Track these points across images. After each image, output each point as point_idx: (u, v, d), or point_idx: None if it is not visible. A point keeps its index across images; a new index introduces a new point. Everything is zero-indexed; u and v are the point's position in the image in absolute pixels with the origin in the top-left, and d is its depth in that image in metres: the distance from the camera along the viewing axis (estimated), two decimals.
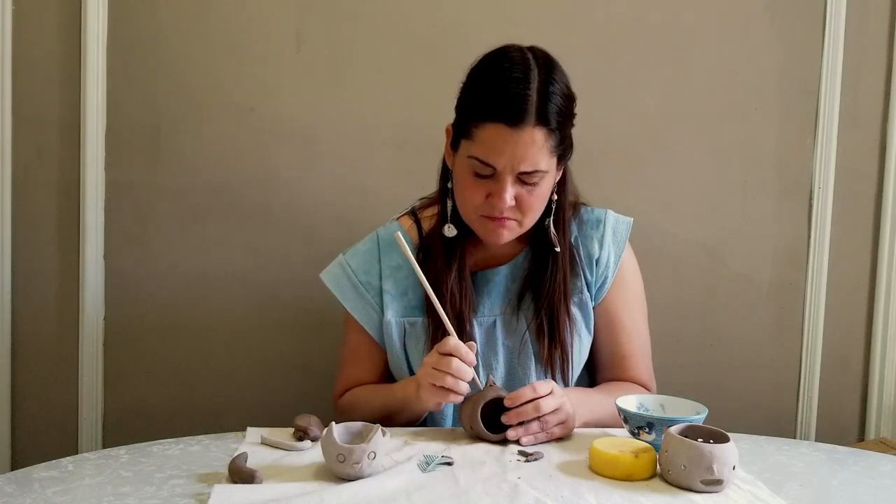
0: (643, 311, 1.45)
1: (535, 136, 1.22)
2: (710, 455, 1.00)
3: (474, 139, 1.24)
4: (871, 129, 1.91)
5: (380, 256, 1.39)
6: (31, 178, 1.70)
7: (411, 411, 1.28)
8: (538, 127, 1.22)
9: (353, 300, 1.38)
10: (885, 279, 1.93)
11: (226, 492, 0.98)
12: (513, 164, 1.22)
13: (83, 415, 1.74)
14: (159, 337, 1.77)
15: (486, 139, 1.23)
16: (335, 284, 1.40)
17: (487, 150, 1.23)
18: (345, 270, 1.39)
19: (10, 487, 1.00)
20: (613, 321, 1.40)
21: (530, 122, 1.21)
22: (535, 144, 1.22)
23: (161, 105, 1.73)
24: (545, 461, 1.12)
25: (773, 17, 1.86)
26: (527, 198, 1.26)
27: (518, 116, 1.21)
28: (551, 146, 1.24)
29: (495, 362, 1.36)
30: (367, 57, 1.76)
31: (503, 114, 1.21)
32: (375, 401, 1.33)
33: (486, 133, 1.23)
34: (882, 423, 1.95)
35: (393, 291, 1.37)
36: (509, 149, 1.22)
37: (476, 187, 1.26)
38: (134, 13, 1.70)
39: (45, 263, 1.72)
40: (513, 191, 1.24)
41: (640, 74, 1.84)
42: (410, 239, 1.39)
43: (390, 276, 1.37)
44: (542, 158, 1.23)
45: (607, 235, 1.40)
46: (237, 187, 1.76)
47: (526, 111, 1.21)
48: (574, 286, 1.38)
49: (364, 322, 1.38)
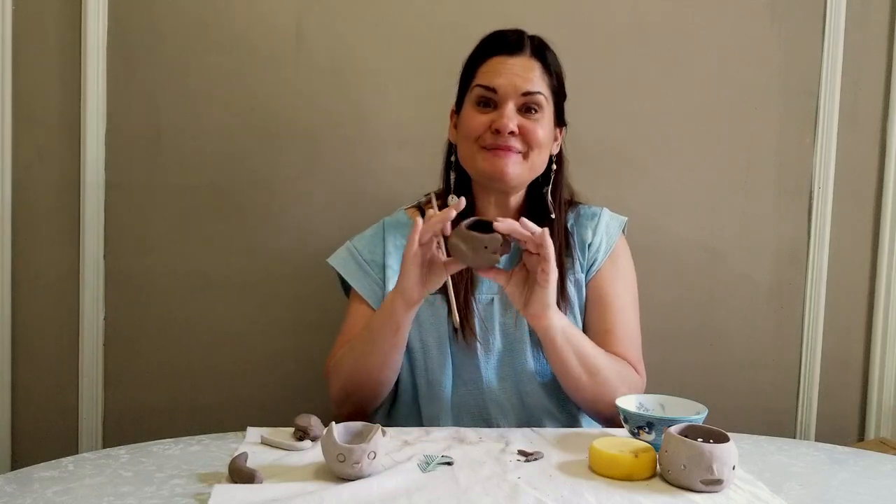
0: (633, 297, 1.45)
1: (533, 64, 1.34)
2: (710, 455, 1.00)
3: (477, 76, 1.35)
4: (871, 129, 1.92)
5: (384, 237, 1.44)
6: (31, 178, 1.70)
7: (394, 317, 1.25)
8: (534, 59, 1.34)
9: (359, 278, 1.42)
10: (885, 279, 1.93)
11: (226, 492, 0.98)
12: (514, 84, 1.32)
13: (83, 415, 1.74)
14: (159, 337, 1.77)
15: (488, 69, 1.34)
16: (342, 266, 1.44)
17: (489, 76, 1.33)
18: (351, 253, 1.45)
19: (10, 487, 1.00)
20: (601, 297, 1.41)
21: (527, 52, 1.34)
22: (534, 71, 1.33)
23: (161, 105, 1.73)
24: (545, 461, 1.12)
25: (773, 17, 1.87)
26: (530, 126, 1.33)
27: (516, 46, 1.34)
28: (547, 84, 1.35)
29: (493, 339, 1.38)
30: (367, 57, 1.77)
31: (502, 48, 1.34)
32: (356, 340, 1.32)
33: (487, 66, 1.34)
34: (882, 423, 1.95)
35: (396, 267, 1.40)
36: (508, 71, 1.32)
37: (479, 117, 1.34)
38: (134, 13, 1.70)
39: (45, 263, 1.72)
40: (515, 116, 1.32)
41: (640, 74, 1.84)
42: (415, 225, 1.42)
43: (394, 254, 1.42)
44: (540, 85, 1.33)
45: (601, 226, 1.45)
46: (237, 187, 1.76)
47: (523, 44, 1.35)
48: (569, 265, 1.40)
49: (368, 296, 1.41)
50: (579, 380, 1.30)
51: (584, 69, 1.77)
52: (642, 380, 1.41)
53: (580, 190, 1.48)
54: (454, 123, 1.41)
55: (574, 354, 1.28)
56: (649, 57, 1.84)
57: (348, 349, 1.34)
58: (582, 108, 1.34)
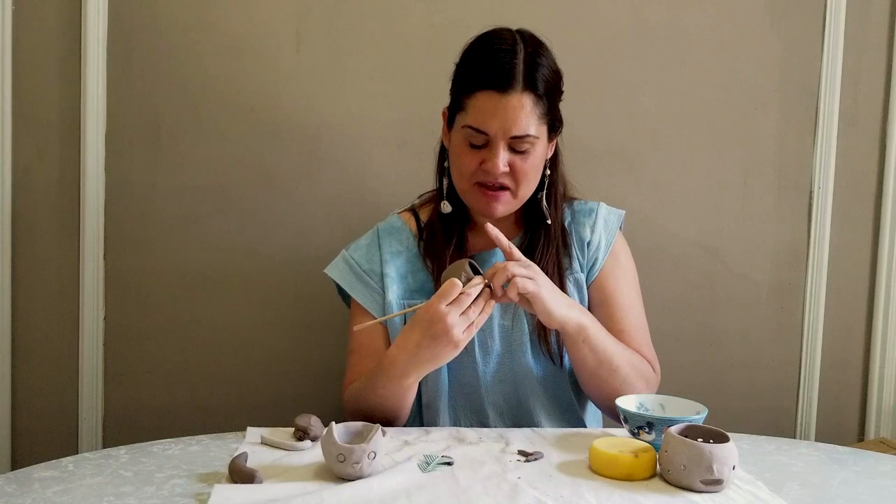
0: (637, 293, 1.46)
1: (524, 101, 1.27)
2: (710, 455, 1.00)
3: (467, 110, 1.30)
4: (871, 129, 1.92)
5: (380, 244, 1.43)
6: (31, 178, 1.70)
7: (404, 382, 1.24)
8: (526, 92, 1.28)
9: (359, 289, 1.41)
10: (885, 279, 1.93)
11: (226, 492, 0.98)
12: (504, 128, 1.28)
13: (83, 415, 1.74)
14: (159, 337, 1.77)
15: (478, 107, 1.28)
16: (340, 277, 1.43)
17: (479, 117, 1.29)
18: (348, 263, 1.43)
19: (10, 487, 1.00)
20: (608, 297, 1.41)
21: (518, 87, 1.27)
22: (525, 109, 1.28)
23: (161, 105, 1.73)
24: (545, 461, 1.12)
25: (774, 18, 1.87)
26: (520, 165, 1.31)
27: (507, 82, 1.27)
28: (540, 113, 1.30)
29: (491, 342, 1.38)
30: (367, 57, 1.77)
31: (492, 81, 1.27)
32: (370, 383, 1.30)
33: (477, 102, 1.29)
34: (882, 423, 1.95)
35: (393, 275, 1.40)
36: (500, 113, 1.27)
37: (470, 156, 1.32)
38: (134, 13, 1.70)
39: (45, 263, 1.72)
40: (505, 156, 1.29)
41: (640, 74, 1.84)
42: (409, 229, 1.44)
43: (390, 261, 1.41)
44: (531, 123, 1.29)
45: (599, 222, 1.44)
46: (237, 187, 1.76)
47: (514, 77, 1.27)
48: (567, 265, 1.41)
49: (370, 308, 1.40)
50: (598, 376, 1.32)
51: (584, 69, 1.77)
52: (657, 376, 1.42)
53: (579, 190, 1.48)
54: (445, 123, 1.39)
55: (592, 352, 1.29)
56: (649, 57, 1.84)
57: (362, 389, 1.31)
58: (582, 108, 1.34)
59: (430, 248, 1.40)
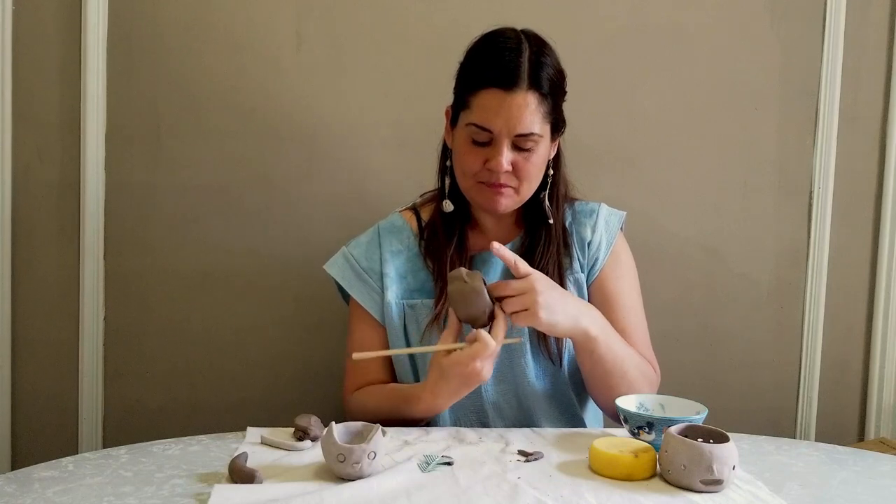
0: (638, 294, 1.46)
1: (529, 99, 1.28)
2: (710, 455, 1.00)
3: (472, 108, 1.30)
4: (871, 129, 1.92)
5: (380, 243, 1.44)
6: (31, 178, 1.70)
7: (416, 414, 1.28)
8: (531, 91, 1.28)
9: (358, 287, 1.41)
10: (885, 279, 1.93)
11: (226, 492, 0.98)
12: (508, 127, 1.28)
13: (83, 415, 1.74)
14: (159, 337, 1.77)
15: (483, 104, 1.29)
16: (339, 274, 1.43)
17: (484, 115, 1.29)
18: (348, 260, 1.43)
19: (10, 487, 1.00)
20: (608, 297, 1.42)
21: (523, 85, 1.27)
22: (529, 108, 1.28)
23: (161, 105, 1.73)
24: (545, 461, 1.12)
25: (773, 18, 1.86)
26: (523, 164, 1.31)
27: (511, 80, 1.27)
28: (544, 112, 1.30)
29: None
30: (367, 57, 1.77)
31: (498, 79, 1.28)
32: (385, 402, 1.34)
33: (482, 99, 1.29)
34: (882, 423, 1.95)
35: (393, 274, 1.41)
36: (504, 111, 1.27)
37: (474, 154, 1.32)
38: (134, 13, 1.70)
39: (45, 263, 1.72)
40: (509, 155, 1.30)
41: (640, 75, 1.84)
42: (411, 229, 1.45)
43: (390, 261, 1.42)
44: (535, 122, 1.29)
45: (600, 223, 1.45)
46: (237, 187, 1.76)
47: (519, 75, 1.27)
48: (568, 265, 1.41)
49: (369, 306, 1.41)
50: (607, 384, 1.32)
51: (585, 69, 1.77)
52: (658, 377, 1.43)
53: (580, 190, 1.48)
54: (449, 122, 1.39)
55: (601, 361, 1.30)
56: (649, 57, 1.84)
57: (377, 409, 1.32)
58: (582, 108, 1.34)
59: (431, 248, 1.41)
